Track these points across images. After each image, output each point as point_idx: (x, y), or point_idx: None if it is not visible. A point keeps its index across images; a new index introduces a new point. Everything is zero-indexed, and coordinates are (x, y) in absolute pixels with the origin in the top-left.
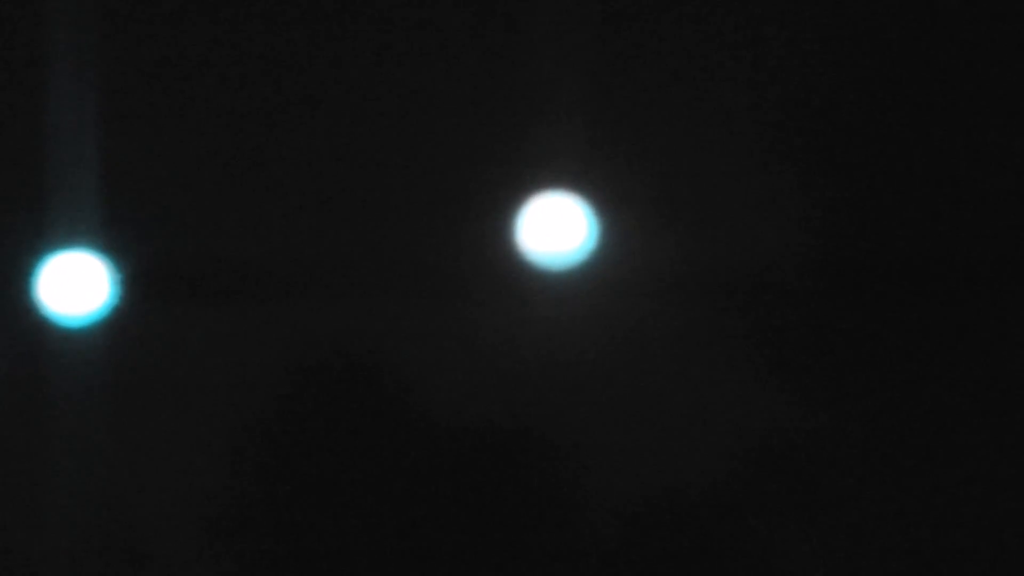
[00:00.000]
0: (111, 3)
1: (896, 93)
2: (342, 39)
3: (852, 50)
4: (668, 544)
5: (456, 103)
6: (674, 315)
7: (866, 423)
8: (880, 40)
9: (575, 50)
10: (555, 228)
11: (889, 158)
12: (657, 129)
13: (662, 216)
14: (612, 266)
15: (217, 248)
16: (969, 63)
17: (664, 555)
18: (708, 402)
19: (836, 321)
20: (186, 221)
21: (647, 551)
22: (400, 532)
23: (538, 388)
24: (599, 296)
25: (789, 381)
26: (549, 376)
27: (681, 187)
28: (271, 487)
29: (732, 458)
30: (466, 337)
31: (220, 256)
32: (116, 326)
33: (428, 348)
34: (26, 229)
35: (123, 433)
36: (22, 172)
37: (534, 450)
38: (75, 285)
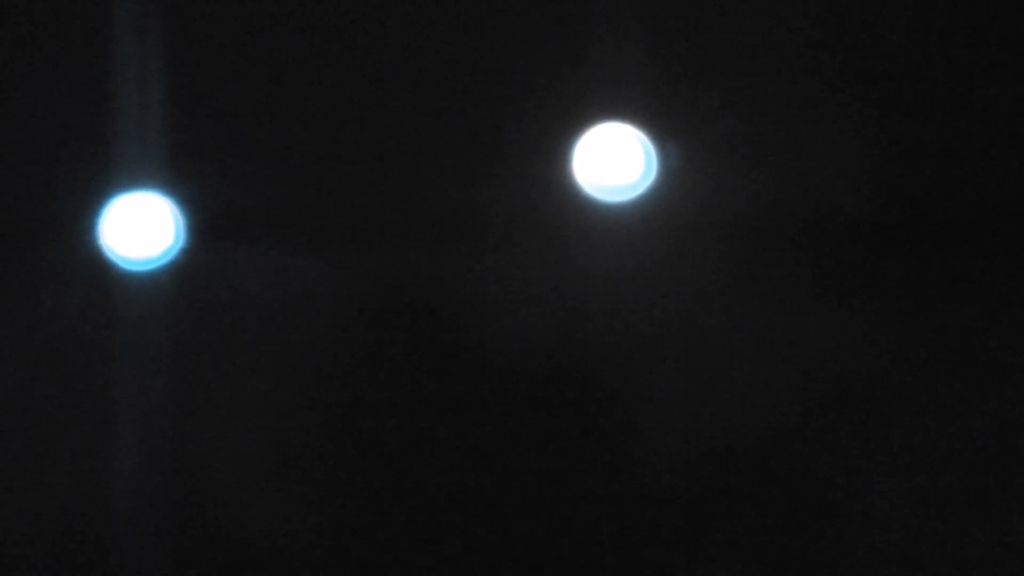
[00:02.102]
0: None
1: (965, 35)
2: None
3: None
4: (724, 484)
5: (514, 34)
6: (733, 251)
7: (925, 364)
8: None
9: None
10: (613, 160)
11: (952, 99)
12: (719, 61)
13: (723, 149)
14: (671, 200)
15: (280, 191)
16: None
17: (720, 496)
18: (766, 340)
19: (898, 261)
20: (251, 165)
21: (703, 492)
22: (458, 470)
23: (594, 325)
24: (657, 231)
25: (847, 320)
26: (606, 313)
27: (742, 121)
28: (334, 428)
29: (790, 398)
30: (523, 273)
31: (283, 199)
32: (182, 268)
33: (486, 285)
34: (93, 171)
35: (189, 374)
36: (89, 114)
37: (592, 389)
38: (141, 227)
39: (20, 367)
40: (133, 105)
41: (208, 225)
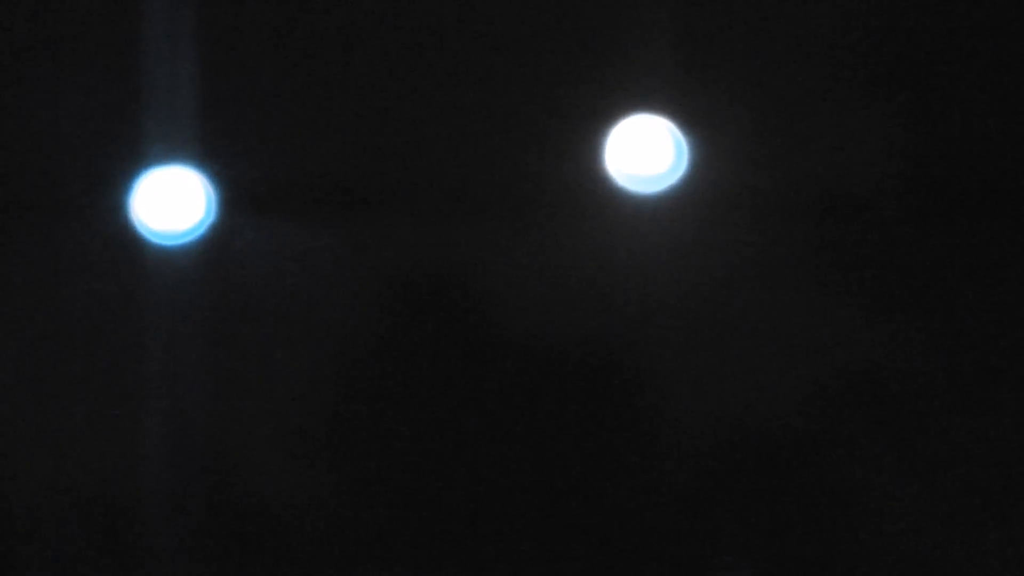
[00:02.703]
0: None
1: (993, 22)
2: None
3: None
4: (751, 470)
5: (547, 25)
6: (763, 241)
7: (957, 354)
8: None
9: None
10: (644, 150)
11: (986, 86)
12: (749, 52)
13: (753, 140)
14: (701, 190)
15: (312, 167)
16: None
17: (746, 481)
18: (796, 329)
19: (928, 249)
20: (282, 140)
21: (726, 481)
22: (480, 452)
23: (624, 313)
24: (688, 221)
25: (878, 309)
26: (637, 299)
27: (772, 111)
28: (361, 404)
29: (820, 386)
30: (554, 259)
31: (315, 175)
32: (212, 243)
33: (518, 270)
34: (123, 145)
35: (220, 349)
36: (121, 88)
37: (620, 377)
38: (173, 201)
39: (52, 343)
40: (164, 80)
41: (239, 199)
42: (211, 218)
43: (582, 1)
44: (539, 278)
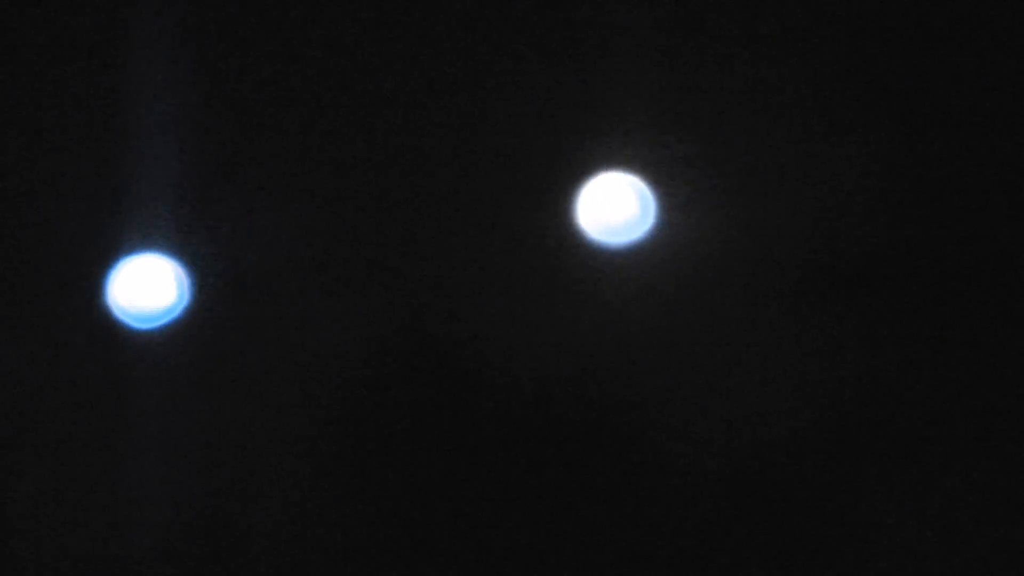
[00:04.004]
0: (191, 12)
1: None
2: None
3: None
4: (729, 522)
5: (515, 87)
6: (735, 294)
7: (940, 390)
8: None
9: (633, 30)
10: (614, 207)
11: (957, 139)
12: (715, 108)
13: (721, 194)
14: (672, 245)
15: (284, 250)
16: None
17: (726, 532)
18: (770, 377)
19: (900, 303)
20: (256, 224)
21: (709, 528)
22: (469, 511)
23: (600, 366)
24: (659, 275)
25: (850, 358)
26: (610, 354)
27: (739, 165)
28: (343, 482)
29: (797, 435)
30: (529, 318)
31: (287, 258)
32: (188, 328)
33: (490, 328)
34: (101, 232)
35: (195, 433)
36: (97, 175)
37: (598, 428)
38: (148, 288)
39: (29, 426)
40: (141, 167)
41: (213, 284)
42: (185, 303)
43: (552, 59)
44: (516, 334)
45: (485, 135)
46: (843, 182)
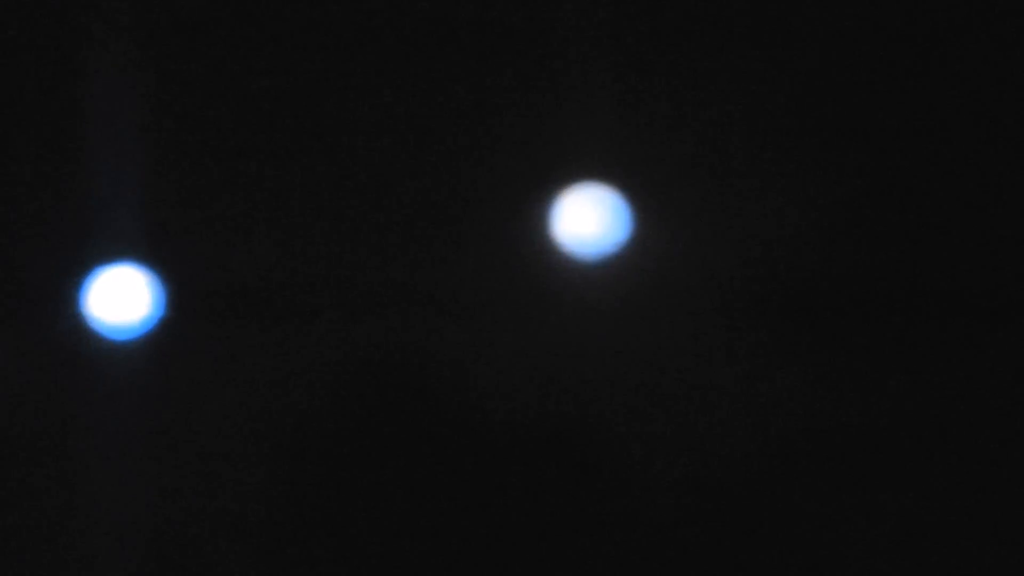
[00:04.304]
0: (154, 20)
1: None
2: (368, 43)
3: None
4: (707, 539)
5: (488, 99)
6: (710, 309)
7: (895, 413)
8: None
9: (606, 38)
10: (589, 219)
11: (933, 160)
12: (691, 119)
13: (696, 207)
14: (648, 259)
15: (259, 264)
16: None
17: (713, 541)
18: (743, 393)
19: (868, 313)
20: (230, 238)
21: (682, 539)
22: (446, 538)
23: (575, 381)
24: (634, 287)
25: (824, 373)
26: (586, 368)
27: (715, 177)
28: (315, 500)
29: (767, 449)
30: (504, 335)
31: (262, 272)
32: (161, 341)
33: (465, 346)
34: (74, 243)
35: (166, 447)
36: (69, 186)
37: (573, 444)
38: (122, 299)
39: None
40: (113, 178)
41: (188, 299)
42: (159, 315)
43: (524, 71)
44: (492, 353)
45: (459, 148)
46: (821, 196)
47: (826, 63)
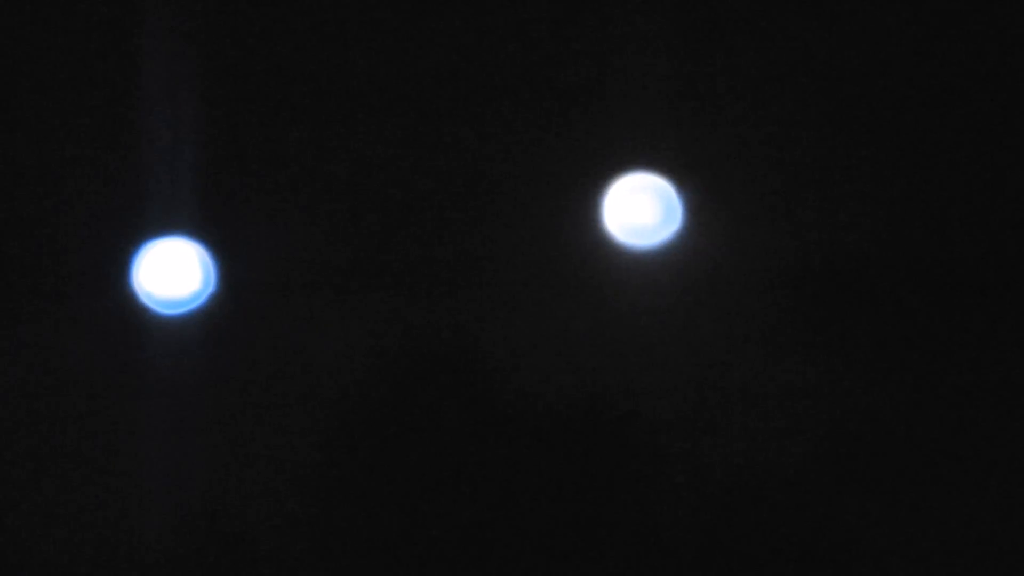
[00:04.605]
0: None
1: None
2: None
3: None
4: (744, 519)
5: (544, 87)
6: (758, 298)
7: (939, 408)
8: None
9: (662, 28)
10: (640, 209)
11: (978, 157)
12: (745, 113)
13: (748, 199)
14: (697, 248)
15: (311, 242)
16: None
17: (739, 530)
18: (790, 384)
19: (922, 312)
20: (282, 215)
21: (724, 526)
22: (482, 517)
23: (623, 368)
24: (684, 278)
25: (870, 366)
26: (634, 356)
27: (765, 167)
28: (365, 473)
29: (812, 439)
30: (552, 319)
31: (314, 249)
32: (213, 314)
33: (516, 330)
34: (127, 216)
35: (218, 419)
36: (125, 160)
37: (622, 430)
38: (174, 273)
39: (53, 409)
40: (169, 153)
41: (240, 273)
42: (211, 289)
43: (578, 59)
44: (538, 336)
45: (510, 137)
46: (876, 188)
47: (880, 57)
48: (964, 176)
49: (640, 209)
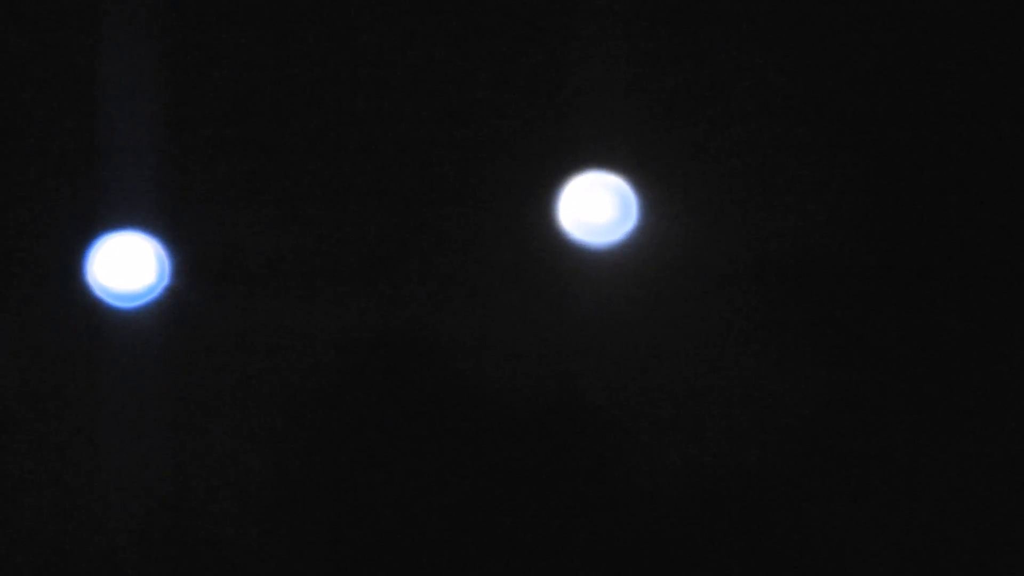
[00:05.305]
0: None
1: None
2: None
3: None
4: (702, 519)
5: (500, 85)
6: (714, 296)
7: (900, 402)
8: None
9: (617, 27)
10: (596, 207)
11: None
12: (699, 108)
13: (703, 194)
14: (653, 246)
15: (269, 235)
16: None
17: (707, 529)
18: (746, 381)
19: (874, 306)
20: (239, 207)
21: (682, 524)
22: (442, 511)
23: (578, 367)
24: (640, 276)
25: (827, 361)
26: (589, 355)
27: (721, 165)
28: (317, 467)
29: (770, 437)
30: (505, 316)
31: (271, 242)
32: (167, 308)
33: (468, 328)
34: (81, 210)
35: (175, 414)
36: (78, 154)
37: (575, 428)
38: (128, 266)
39: (7, 404)
40: (122, 146)
41: (195, 266)
42: (165, 283)
43: (535, 59)
44: (496, 333)
45: (467, 134)
46: (828, 186)
47: (834, 53)
48: (925, 171)
49: (596, 207)
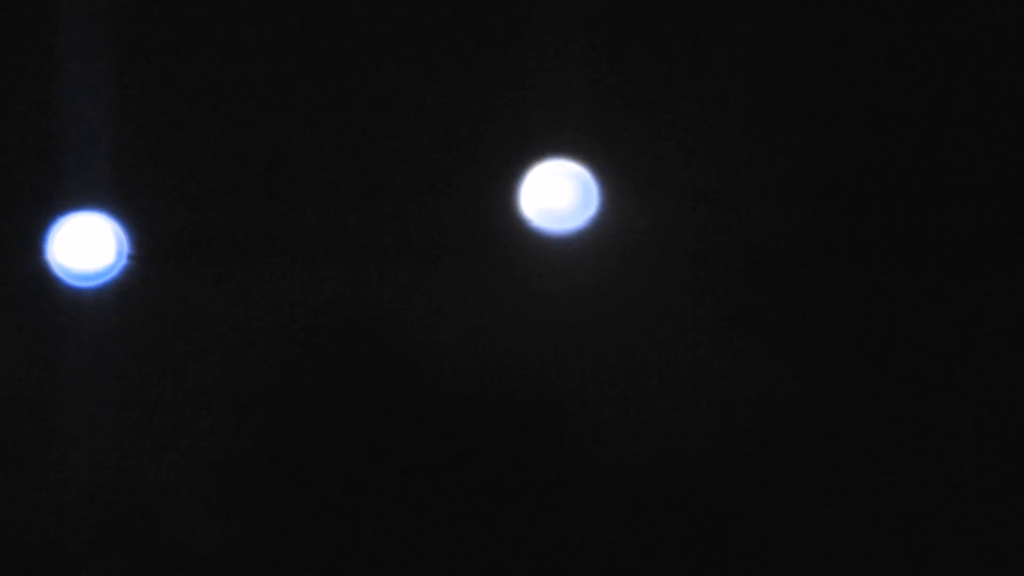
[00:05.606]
0: None
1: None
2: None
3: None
4: (660, 507)
5: (461, 73)
6: (673, 281)
7: (857, 391)
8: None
9: (576, 18)
10: (556, 194)
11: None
12: (659, 96)
13: (663, 183)
14: (613, 232)
15: (224, 213)
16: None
17: (666, 514)
18: (704, 367)
19: (832, 291)
20: (195, 186)
21: (640, 513)
22: (400, 491)
23: (537, 353)
24: (600, 261)
25: (783, 348)
26: (548, 341)
27: (682, 152)
28: (275, 446)
29: (726, 424)
30: (467, 302)
31: (227, 220)
32: (125, 287)
33: (429, 314)
34: (40, 190)
35: (132, 393)
36: (35, 136)
37: (533, 414)
38: (87, 246)
39: None
40: (79, 128)
41: (152, 245)
42: (123, 262)
43: (495, 46)
44: (456, 319)
45: (429, 122)
46: (789, 171)
47: (801, 40)
48: (888, 155)
49: (557, 195)
